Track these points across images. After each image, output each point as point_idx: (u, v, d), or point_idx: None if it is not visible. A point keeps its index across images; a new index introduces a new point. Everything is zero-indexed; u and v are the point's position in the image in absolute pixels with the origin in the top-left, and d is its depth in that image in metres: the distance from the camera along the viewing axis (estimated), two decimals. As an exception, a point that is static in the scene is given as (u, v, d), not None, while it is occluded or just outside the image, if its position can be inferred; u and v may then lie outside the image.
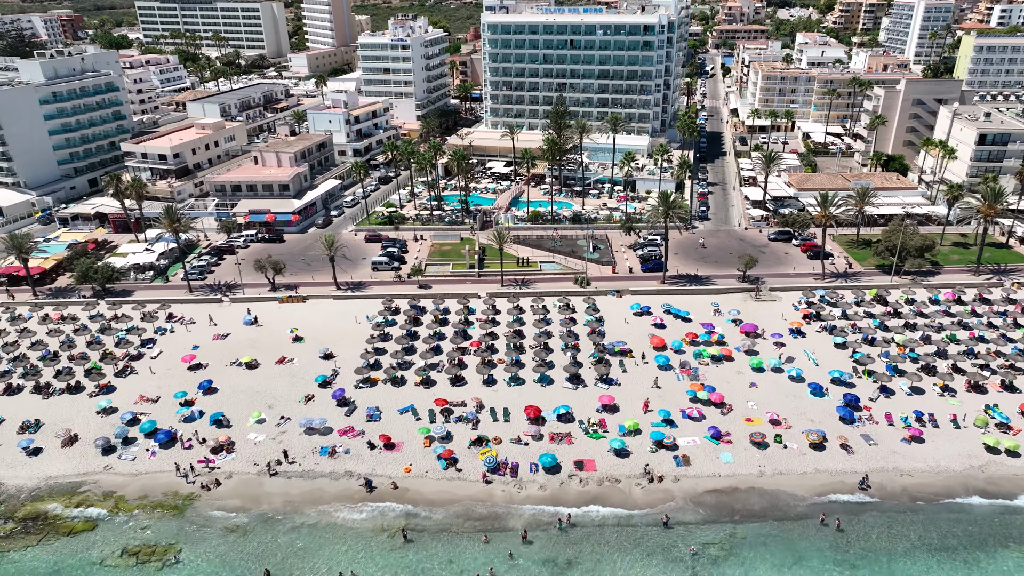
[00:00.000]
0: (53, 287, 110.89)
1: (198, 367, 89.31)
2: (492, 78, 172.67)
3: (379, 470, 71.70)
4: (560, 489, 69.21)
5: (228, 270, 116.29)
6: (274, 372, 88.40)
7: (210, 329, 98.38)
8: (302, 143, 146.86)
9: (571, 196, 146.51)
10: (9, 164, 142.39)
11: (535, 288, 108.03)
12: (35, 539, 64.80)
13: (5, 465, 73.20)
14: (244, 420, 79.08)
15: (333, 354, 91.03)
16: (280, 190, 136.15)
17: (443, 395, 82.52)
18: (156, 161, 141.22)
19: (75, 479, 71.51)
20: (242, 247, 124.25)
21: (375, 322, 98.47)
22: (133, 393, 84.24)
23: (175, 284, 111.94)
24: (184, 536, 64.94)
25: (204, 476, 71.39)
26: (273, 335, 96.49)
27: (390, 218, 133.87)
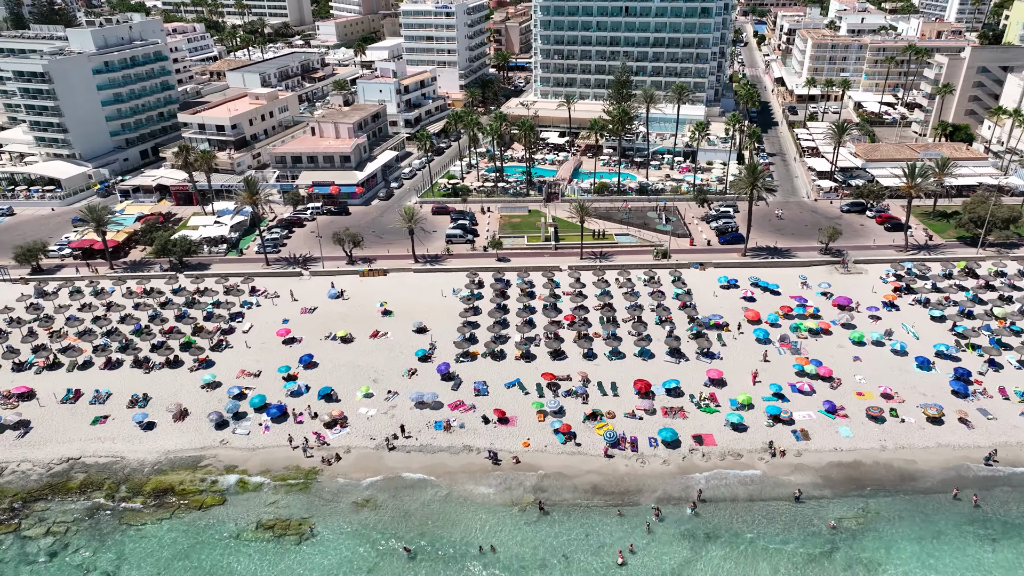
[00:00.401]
0: (127, 260, 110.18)
1: (292, 341, 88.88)
2: (543, 46, 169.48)
3: (497, 444, 71.51)
4: (684, 464, 69.05)
5: (299, 243, 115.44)
6: (370, 346, 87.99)
7: (295, 303, 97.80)
8: (358, 113, 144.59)
9: (631, 167, 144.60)
10: (65, 136, 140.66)
11: (614, 261, 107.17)
12: (168, 513, 64.97)
13: (122, 439, 73.21)
14: (352, 395, 78.83)
15: (426, 328, 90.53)
16: (341, 162, 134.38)
17: (546, 369, 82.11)
18: (213, 132, 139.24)
19: (194, 453, 71.56)
20: (309, 220, 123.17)
21: (461, 295, 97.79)
22: (232, 367, 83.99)
23: (249, 257, 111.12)
24: (314, 510, 65.01)
25: (324, 451, 71.39)
26: (361, 308, 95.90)
27: (454, 190, 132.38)
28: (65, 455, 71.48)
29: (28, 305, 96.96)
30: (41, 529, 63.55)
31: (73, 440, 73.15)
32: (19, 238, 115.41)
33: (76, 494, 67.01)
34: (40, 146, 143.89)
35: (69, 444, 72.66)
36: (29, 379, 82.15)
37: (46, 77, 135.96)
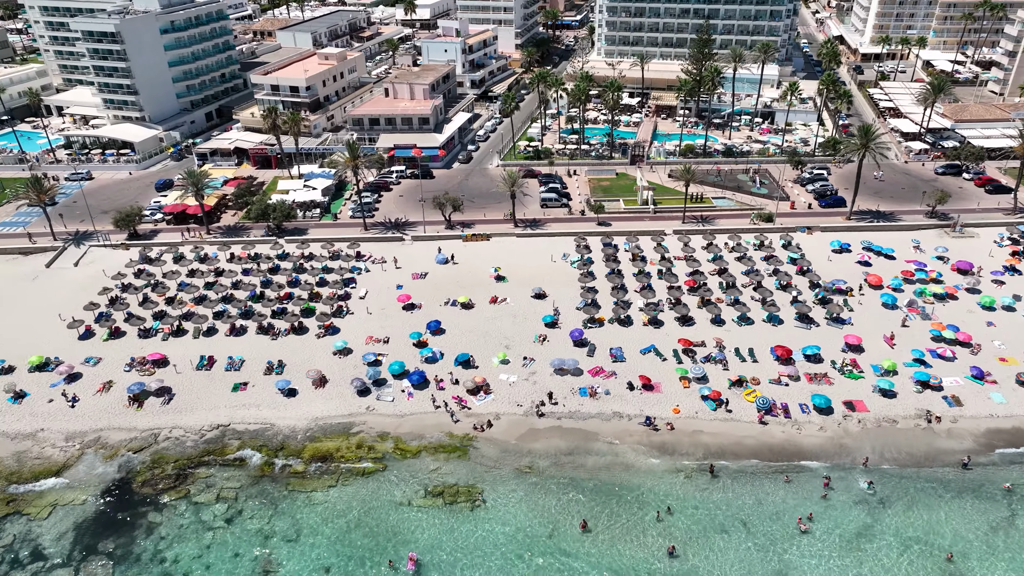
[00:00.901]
0: (221, 225, 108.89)
1: (413, 307, 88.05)
2: (609, 4, 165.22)
3: (647, 410, 71.26)
4: (839, 430, 68.70)
5: (389, 207, 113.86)
6: (492, 312, 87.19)
7: (403, 268, 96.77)
8: (431, 74, 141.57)
9: (709, 129, 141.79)
10: (135, 98, 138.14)
11: (716, 225, 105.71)
12: (332, 479, 64.93)
13: (267, 406, 72.97)
14: (488, 361, 78.25)
15: (545, 293, 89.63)
16: (420, 124, 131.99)
17: (675, 335, 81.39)
18: (287, 93, 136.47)
19: (343, 420, 71.32)
20: (395, 183, 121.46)
21: (572, 261, 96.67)
22: (358, 333, 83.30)
23: (345, 222, 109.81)
24: (478, 478, 64.87)
25: (473, 417, 71.11)
26: (472, 274, 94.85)
27: (536, 153, 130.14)
28: (214, 422, 71.34)
29: (136, 271, 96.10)
30: (211, 495, 63.61)
31: (218, 407, 72.99)
32: (105, 203, 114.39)
33: (235, 461, 67.12)
34: (109, 108, 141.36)
35: (215, 411, 72.52)
36: (157, 346, 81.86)
37: (117, 37, 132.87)
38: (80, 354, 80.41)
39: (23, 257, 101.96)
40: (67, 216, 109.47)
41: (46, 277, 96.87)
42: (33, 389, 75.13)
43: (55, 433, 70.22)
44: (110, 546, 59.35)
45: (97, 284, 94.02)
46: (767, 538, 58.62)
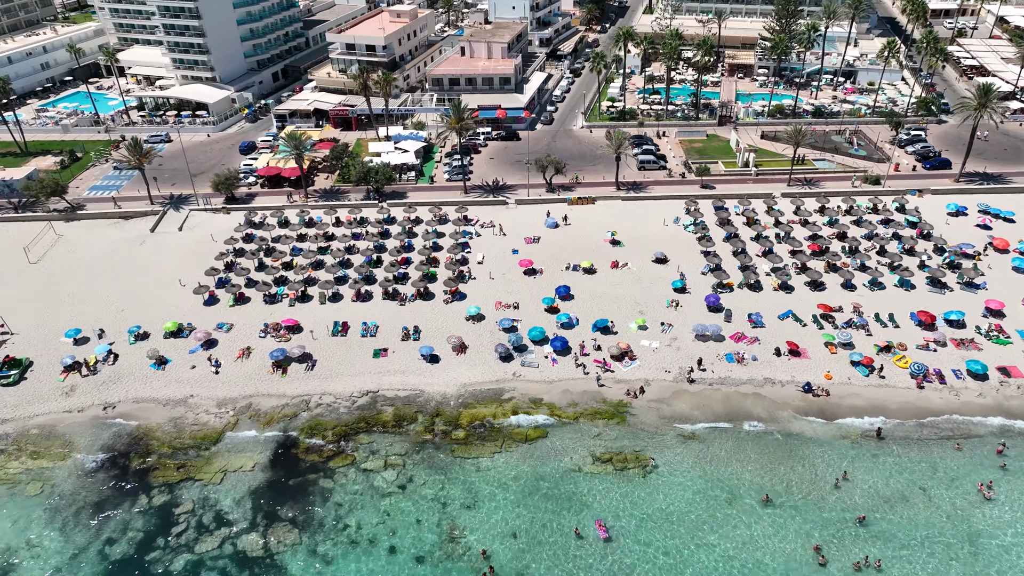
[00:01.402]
0: (317, 189, 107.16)
1: (534, 272, 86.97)
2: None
3: (797, 376, 70.65)
4: (998, 396, 68.08)
5: (481, 169, 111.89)
6: (616, 277, 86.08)
7: (513, 232, 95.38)
8: (508, 32, 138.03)
9: (788, 88, 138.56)
10: (207, 57, 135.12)
11: (821, 188, 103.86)
12: (496, 446, 64.66)
13: (412, 372, 72.44)
14: (625, 326, 77.52)
15: (666, 258, 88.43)
16: (501, 84, 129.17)
17: (807, 300, 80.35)
18: (363, 52, 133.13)
19: (493, 387, 70.84)
20: (483, 145, 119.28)
21: (686, 224, 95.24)
22: (485, 299, 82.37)
23: (442, 185, 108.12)
24: (643, 443, 64.51)
25: (623, 383, 70.60)
26: (584, 238, 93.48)
27: (621, 113, 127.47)
28: (363, 388, 70.94)
29: (245, 236, 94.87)
30: (379, 462, 63.46)
31: (363, 373, 72.52)
32: (191, 165, 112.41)
33: (393, 427, 66.88)
34: (178, 68, 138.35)
35: (361, 377, 72.07)
36: (286, 311, 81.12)
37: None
38: (207, 320, 79.80)
39: (123, 221, 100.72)
40: (156, 179, 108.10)
41: (153, 242, 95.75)
42: (172, 355, 74.68)
43: (206, 399, 69.99)
44: (290, 512, 59.44)
45: (205, 248, 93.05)
46: (951, 505, 58.40)
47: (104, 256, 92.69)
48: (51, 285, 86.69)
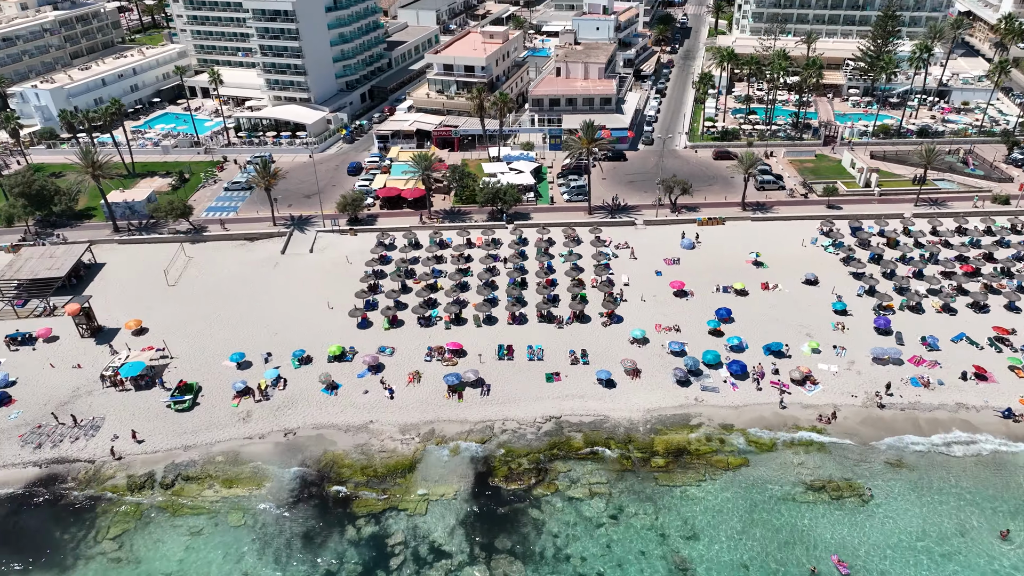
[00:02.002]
0: (439, 210, 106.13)
1: (685, 294, 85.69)
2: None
3: (991, 402, 68.98)
4: None
5: (596, 189, 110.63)
6: (770, 298, 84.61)
7: (648, 253, 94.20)
8: (603, 53, 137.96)
9: (883, 108, 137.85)
10: (304, 78, 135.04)
11: (951, 208, 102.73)
12: (699, 474, 62.91)
13: (592, 398, 70.75)
14: (797, 349, 76.00)
15: (817, 279, 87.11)
16: (601, 104, 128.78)
17: (973, 322, 78.83)
18: (461, 73, 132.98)
19: (677, 412, 69.24)
20: (592, 166, 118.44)
21: (825, 245, 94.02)
22: (639, 320, 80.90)
23: (563, 206, 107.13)
24: (850, 471, 62.68)
25: (809, 408, 68.99)
26: (724, 259, 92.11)
27: (724, 133, 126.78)
28: (545, 413, 69.40)
29: (380, 257, 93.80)
30: (583, 490, 61.70)
31: (540, 398, 70.99)
32: (298, 186, 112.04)
33: (587, 454, 65.19)
34: (273, 89, 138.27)
35: (540, 402, 70.53)
36: (442, 334, 79.77)
37: (291, 15, 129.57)
38: (364, 343, 78.48)
39: (249, 243, 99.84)
40: (263, 199, 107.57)
41: (285, 263, 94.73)
42: (341, 380, 73.33)
43: (387, 425, 68.45)
44: (507, 543, 57.68)
45: (341, 270, 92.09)
46: None
47: (239, 277, 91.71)
48: (195, 307, 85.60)
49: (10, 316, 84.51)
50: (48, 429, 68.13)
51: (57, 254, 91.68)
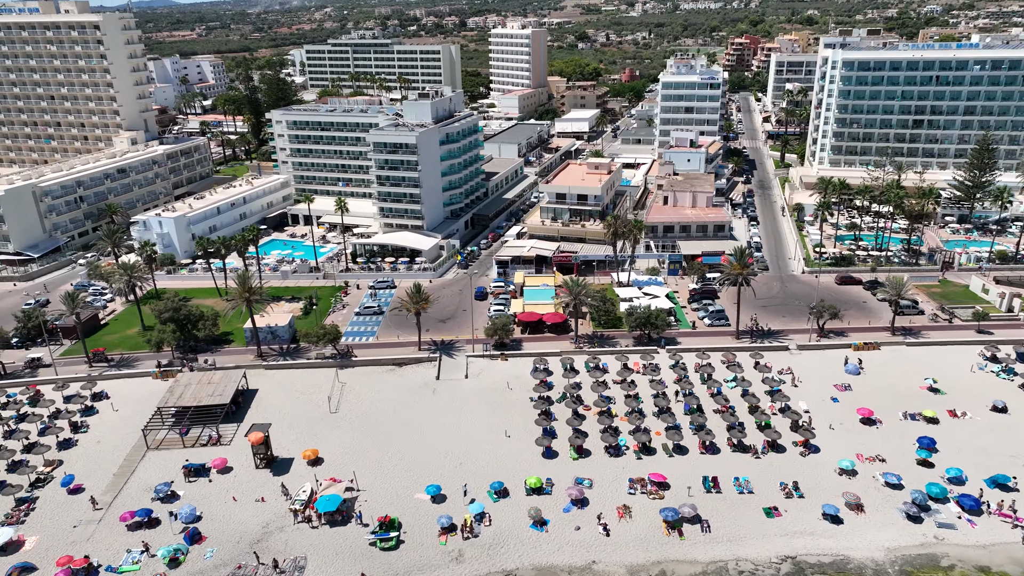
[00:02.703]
0: (582, 334, 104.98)
1: (872, 422, 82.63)
2: (839, 115, 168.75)
3: None
4: None
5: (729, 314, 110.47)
6: (964, 426, 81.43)
7: (818, 380, 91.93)
8: (707, 182, 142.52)
9: (983, 235, 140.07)
10: (419, 207, 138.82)
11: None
12: (977, 623, 57.89)
13: (822, 535, 66.02)
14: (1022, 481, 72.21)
15: (1006, 407, 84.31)
16: (715, 230, 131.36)
17: None
18: (574, 201, 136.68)
19: (919, 551, 64.42)
20: (719, 290, 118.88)
21: (996, 370, 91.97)
22: (837, 450, 77.33)
23: (705, 331, 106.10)
24: None
25: (1067, 548, 64.40)
26: (896, 385, 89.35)
27: (837, 259, 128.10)
28: (779, 552, 64.67)
29: (541, 382, 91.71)
30: (857, 643, 56.46)
31: (767, 535, 66.29)
32: (430, 310, 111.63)
33: (843, 600, 60.18)
34: (387, 216, 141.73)
35: (768, 540, 65.84)
36: (635, 465, 76.05)
37: (412, 148, 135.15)
38: (554, 473, 74.70)
39: (398, 368, 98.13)
40: (396, 323, 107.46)
41: (443, 389, 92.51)
42: (547, 514, 69.03)
43: (613, 566, 63.64)
44: None
45: (502, 396, 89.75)
46: None
47: (399, 403, 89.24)
48: (364, 435, 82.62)
49: (176, 444, 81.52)
50: (250, 570, 63.44)
51: (215, 380, 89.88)
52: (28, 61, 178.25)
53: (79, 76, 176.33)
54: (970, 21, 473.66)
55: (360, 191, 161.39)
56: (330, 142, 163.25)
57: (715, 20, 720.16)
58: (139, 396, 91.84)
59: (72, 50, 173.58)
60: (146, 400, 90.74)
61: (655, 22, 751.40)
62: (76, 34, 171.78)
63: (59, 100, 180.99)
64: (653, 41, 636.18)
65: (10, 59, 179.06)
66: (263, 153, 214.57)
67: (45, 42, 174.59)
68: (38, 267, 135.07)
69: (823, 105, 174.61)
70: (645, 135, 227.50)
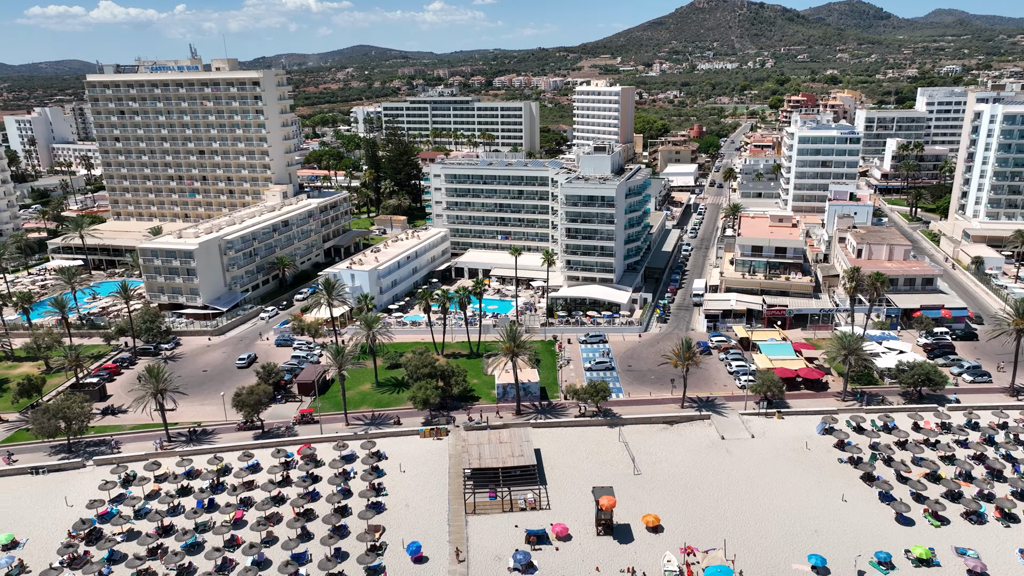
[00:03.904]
0: (849, 391, 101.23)
1: None
2: (998, 168, 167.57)
3: None
4: None
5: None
6: None
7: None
8: (898, 235, 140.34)
9: None
10: (611, 259, 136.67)
11: None
12: None
13: None
14: None
15: None
16: (922, 284, 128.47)
17: None
18: (771, 254, 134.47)
19: None
20: (948, 348, 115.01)
21: None
22: None
23: (967, 388, 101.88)
24: None
25: None
26: None
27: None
28: None
29: (838, 443, 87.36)
30: None
31: None
32: (660, 367, 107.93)
33: None
34: (574, 269, 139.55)
35: None
36: (1007, 532, 71.37)
37: (610, 201, 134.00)
38: (913, 541, 70.02)
39: (668, 427, 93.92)
40: (633, 378, 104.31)
41: (733, 449, 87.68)
42: (951, 588, 64.35)
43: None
44: None
45: (801, 455, 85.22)
46: None
47: (698, 464, 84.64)
48: (687, 498, 77.75)
49: (492, 508, 77.09)
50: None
51: (504, 439, 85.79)
52: (182, 117, 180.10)
53: (233, 131, 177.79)
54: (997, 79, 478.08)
55: (520, 244, 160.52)
56: (491, 195, 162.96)
57: (739, 79, 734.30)
58: (418, 455, 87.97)
59: (229, 106, 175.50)
60: (427, 460, 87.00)
61: (678, 81, 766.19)
62: (235, 90, 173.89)
63: (209, 155, 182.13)
64: (687, 99, 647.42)
65: (164, 115, 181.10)
66: (387, 207, 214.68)
67: (202, 99, 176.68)
68: (227, 321, 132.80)
69: (977, 159, 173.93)
70: (764, 188, 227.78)
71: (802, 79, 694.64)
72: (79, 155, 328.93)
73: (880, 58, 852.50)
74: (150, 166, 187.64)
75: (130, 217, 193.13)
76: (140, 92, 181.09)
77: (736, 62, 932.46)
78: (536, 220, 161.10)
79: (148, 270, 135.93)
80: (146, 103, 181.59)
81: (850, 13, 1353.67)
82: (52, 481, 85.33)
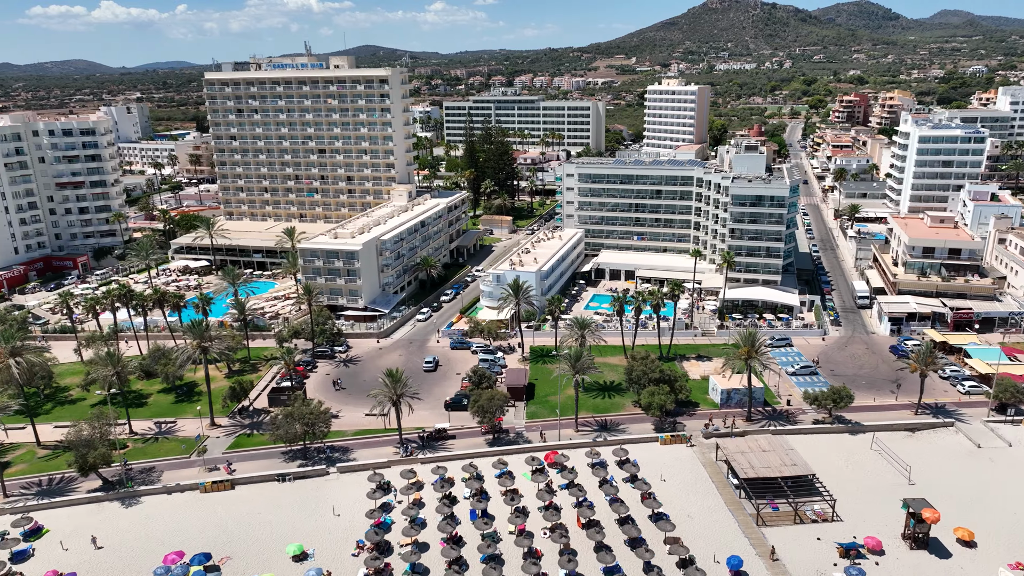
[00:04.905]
0: None
1: None
2: None
3: None
4: None
5: None
6: None
7: None
8: None
9: None
10: (778, 260, 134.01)
11: None
12: None
13: None
14: None
15: None
16: None
17: None
18: (944, 256, 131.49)
19: None
20: None
21: None
22: None
23: None
24: None
25: None
26: None
27: None
28: None
29: None
30: None
31: None
32: (857, 371, 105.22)
33: None
34: (737, 271, 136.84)
35: None
36: None
37: (781, 201, 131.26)
38: None
39: (911, 434, 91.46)
40: (838, 382, 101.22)
41: (1001, 459, 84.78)
42: None
43: None
44: None
45: None
46: None
47: (963, 473, 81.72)
48: (983, 511, 75.28)
49: (782, 520, 74.37)
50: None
51: (765, 447, 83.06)
52: (304, 115, 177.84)
53: (357, 130, 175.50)
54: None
55: (657, 244, 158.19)
56: (626, 195, 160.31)
57: (762, 80, 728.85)
58: (668, 463, 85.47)
59: (355, 104, 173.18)
60: (681, 468, 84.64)
61: (701, 81, 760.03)
62: (362, 88, 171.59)
63: (331, 154, 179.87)
64: (716, 99, 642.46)
65: (285, 113, 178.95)
66: (490, 207, 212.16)
67: (327, 96, 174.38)
68: (388, 323, 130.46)
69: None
70: (868, 188, 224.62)
71: (827, 80, 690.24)
72: (145, 154, 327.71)
73: (897, 59, 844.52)
74: (267, 165, 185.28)
75: (243, 217, 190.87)
76: (261, 90, 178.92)
77: (753, 62, 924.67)
78: (675, 220, 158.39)
79: (307, 271, 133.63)
80: (267, 101, 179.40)
81: (859, 14, 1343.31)
82: (303, 489, 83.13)
